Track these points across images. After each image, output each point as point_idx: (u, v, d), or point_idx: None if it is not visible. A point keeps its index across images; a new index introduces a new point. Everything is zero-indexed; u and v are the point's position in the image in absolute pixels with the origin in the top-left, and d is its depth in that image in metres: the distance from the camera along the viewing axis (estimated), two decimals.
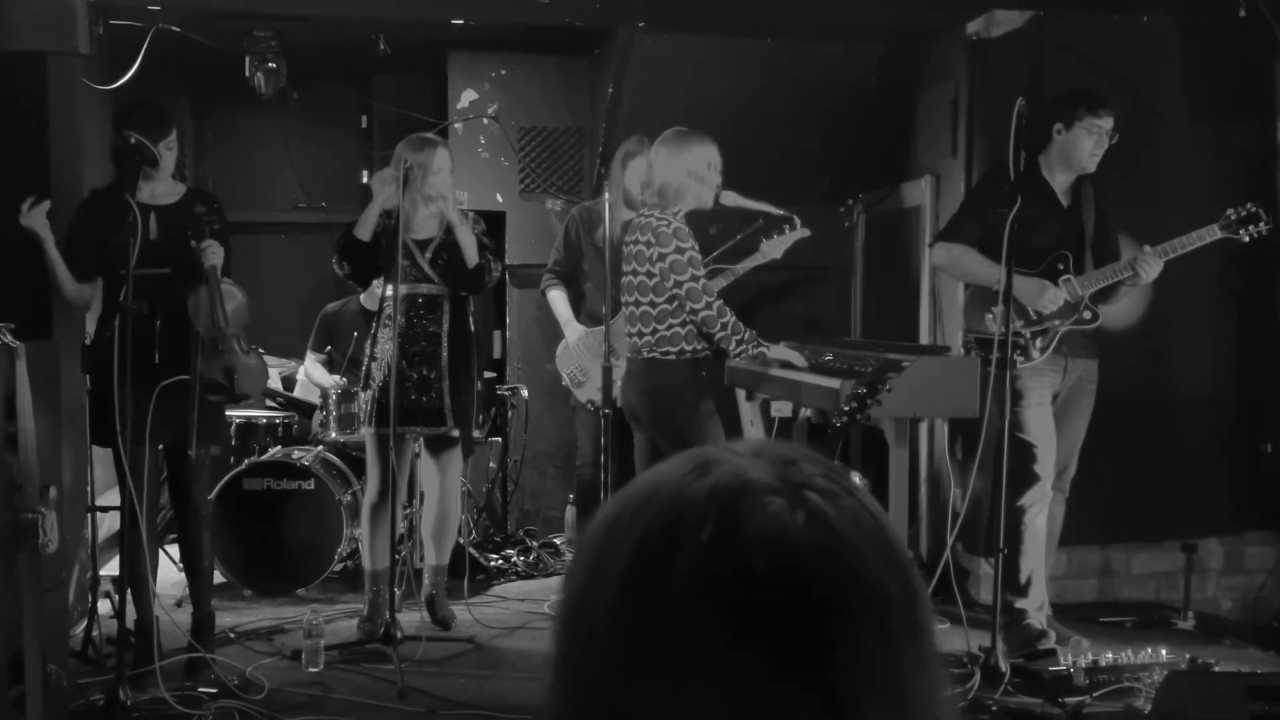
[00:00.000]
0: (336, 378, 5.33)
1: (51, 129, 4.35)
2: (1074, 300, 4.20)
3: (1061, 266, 4.21)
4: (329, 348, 5.57)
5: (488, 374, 4.75)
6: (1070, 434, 4.36)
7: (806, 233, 4.91)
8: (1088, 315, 4.23)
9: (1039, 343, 4.22)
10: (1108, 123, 4.19)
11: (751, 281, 5.36)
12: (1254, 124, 4.99)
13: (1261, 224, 4.11)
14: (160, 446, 3.95)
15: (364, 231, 4.31)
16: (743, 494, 0.66)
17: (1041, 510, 4.27)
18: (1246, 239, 4.16)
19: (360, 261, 4.39)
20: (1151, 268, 4.14)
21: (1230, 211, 4.13)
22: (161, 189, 4.03)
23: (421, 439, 4.54)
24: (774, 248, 4.89)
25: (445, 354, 4.40)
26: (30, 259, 3.91)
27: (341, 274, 4.48)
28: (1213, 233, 4.13)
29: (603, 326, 4.55)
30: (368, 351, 4.50)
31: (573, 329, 5.06)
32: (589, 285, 5.07)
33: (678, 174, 4.07)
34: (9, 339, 3.15)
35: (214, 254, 3.83)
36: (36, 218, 3.78)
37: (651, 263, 4.03)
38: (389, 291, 4.26)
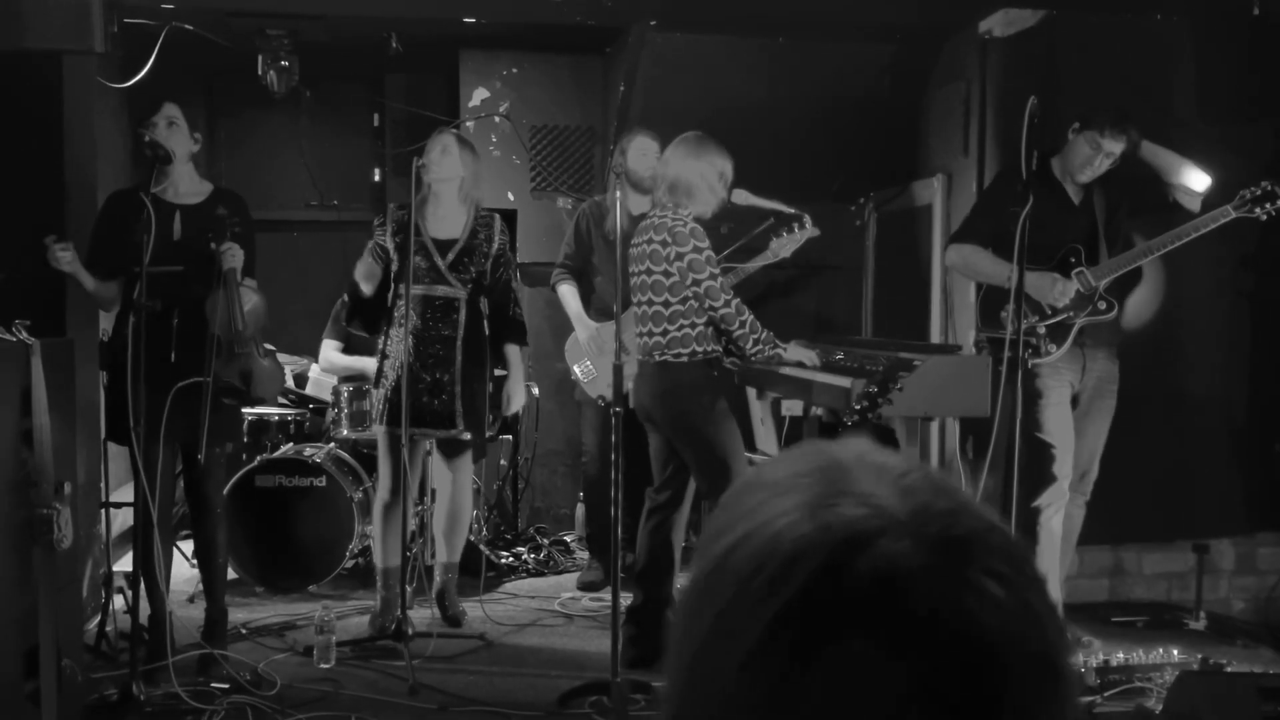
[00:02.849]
0: (368, 360, 5.29)
1: (67, 127, 4.37)
2: (1087, 291, 4.19)
3: (1074, 260, 4.21)
4: (347, 336, 5.55)
5: (498, 372, 4.75)
6: (1091, 438, 4.35)
7: (816, 232, 4.91)
8: (1103, 306, 4.22)
9: (1053, 343, 4.21)
10: (1112, 146, 4.14)
11: (761, 279, 5.37)
12: (1267, 124, 4.97)
13: (1279, 201, 4.06)
14: (177, 444, 3.97)
15: (368, 289, 4.37)
16: (890, 585, 0.58)
17: (1058, 511, 4.26)
18: (1264, 217, 4.10)
19: (366, 315, 4.47)
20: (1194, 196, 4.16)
21: (1245, 191, 4.08)
22: (186, 186, 4.03)
23: (433, 440, 4.55)
24: (784, 246, 4.90)
25: (459, 357, 4.39)
26: (45, 257, 3.93)
27: (352, 324, 4.63)
28: (1226, 213, 4.09)
29: (613, 322, 4.55)
30: (380, 348, 4.51)
31: (583, 325, 5.07)
32: (599, 280, 5.09)
33: (693, 174, 4.08)
34: (24, 335, 3.17)
35: (233, 257, 3.82)
36: (63, 259, 3.78)
37: (669, 262, 4.03)
38: (402, 290, 4.27)
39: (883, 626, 0.57)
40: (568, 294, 5.13)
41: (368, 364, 5.17)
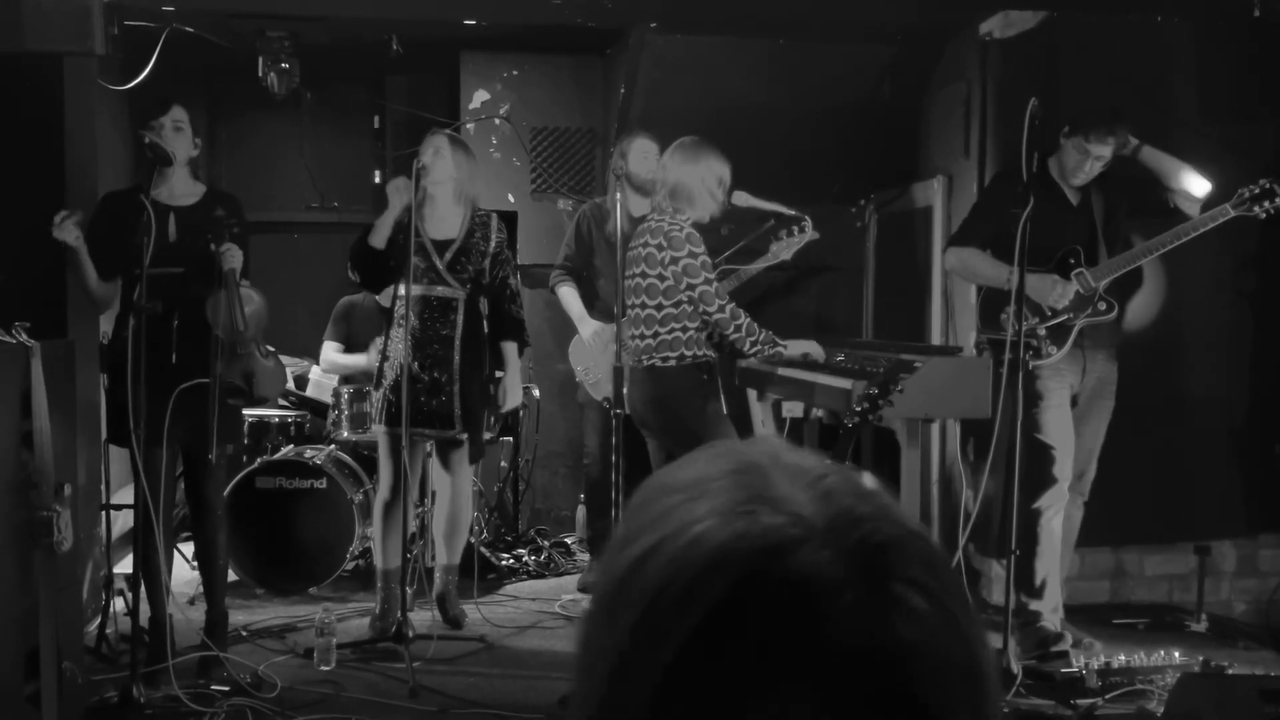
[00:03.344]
0: (367, 355, 5.26)
1: (68, 129, 4.37)
2: (1087, 292, 4.19)
3: (1073, 261, 4.21)
4: (347, 337, 5.56)
5: (499, 374, 4.75)
6: (1089, 438, 4.35)
7: (816, 235, 4.91)
8: (1103, 307, 4.22)
9: (1053, 345, 4.21)
10: (1100, 150, 4.13)
11: (761, 281, 5.37)
12: (1268, 125, 4.97)
13: (1278, 199, 4.06)
14: (178, 446, 3.96)
15: (379, 239, 4.29)
16: (810, 599, 0.55)
17: (1058, 513, 4.26)
18: (1263, 215, 4.10)
19: (373, 268, 4.37)
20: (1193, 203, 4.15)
21: (1243, 190, 4.08)
22: (180, 189, 4.02)
23: (432, 441, 4.54)
24: (784, 249, 4.90)
25: (457, 357, 4.39)
26: (46, 258, 3.93)
27: (355, 280, 4.48)
28: (1225, 212, 4.09)
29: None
30: (380, 349, 4.51)
31: (587, 325, 5.07)
32: (602, 282, 5.08)
33: (691, 179, 4.08)
34: (24, 337, 3.17)
35: (233, 258, 3.81)
36: (69, 231, 3.74)
37: (663, 266, 4.03)
38: (402, 291, 4.27)
39: (803, 641, 0.54)
40: (568, 295, 5.13)
41: (366, 361, 5.18)
